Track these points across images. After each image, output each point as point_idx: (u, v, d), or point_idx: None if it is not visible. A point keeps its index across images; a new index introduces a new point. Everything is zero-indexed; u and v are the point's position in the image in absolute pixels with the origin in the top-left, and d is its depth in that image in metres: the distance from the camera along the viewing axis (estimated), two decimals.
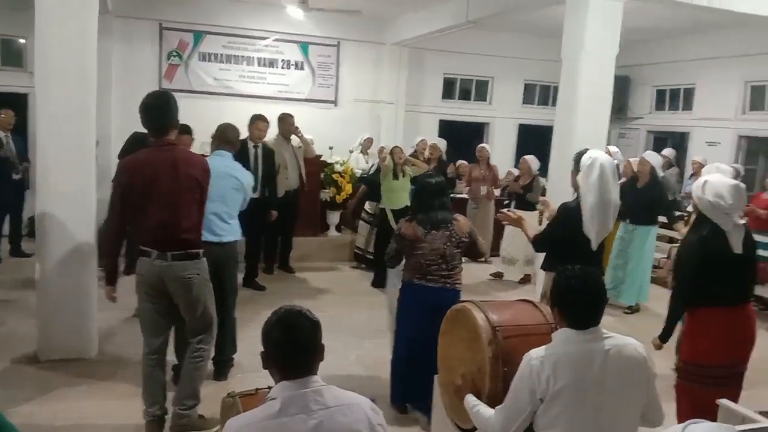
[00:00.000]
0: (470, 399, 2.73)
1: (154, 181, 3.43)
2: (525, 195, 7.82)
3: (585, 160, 3.85)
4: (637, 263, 6.66)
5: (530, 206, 7.86)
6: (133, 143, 7.45)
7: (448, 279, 3.99)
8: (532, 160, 7.94)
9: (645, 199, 6.44)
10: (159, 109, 3.52)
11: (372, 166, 8.54)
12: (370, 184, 7.84)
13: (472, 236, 4.10)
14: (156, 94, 3.70)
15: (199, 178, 3.51)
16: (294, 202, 7.41)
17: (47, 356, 4.70)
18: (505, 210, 4.84)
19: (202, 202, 3.58)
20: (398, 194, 7.20)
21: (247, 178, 4.59)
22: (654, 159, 6.76)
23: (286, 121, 7.39)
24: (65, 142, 4.59)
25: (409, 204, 7.05)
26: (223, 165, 4.31)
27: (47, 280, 4.70)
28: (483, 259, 8.79)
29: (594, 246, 3.88)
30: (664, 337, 3.62)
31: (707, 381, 3.35)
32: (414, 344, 3.90)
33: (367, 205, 8.08)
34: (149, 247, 3.50)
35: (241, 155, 5.49)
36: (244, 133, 5.81)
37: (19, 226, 7.74)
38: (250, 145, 6.48)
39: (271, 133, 7.00)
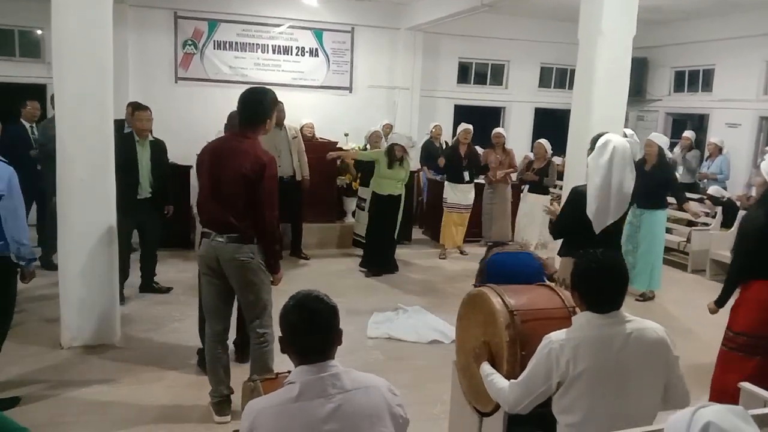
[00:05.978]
0: (486, 367, 2.77)
1: (213, 166, 3.64)
2: (542, 180, 7.78)
3: (600, 140, 3.88)
4: (647, 248, 6.54)
5: (546, 191, 7.85)
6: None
7: None
8: (546, 144, 7.91)
9: (652, 182, 6.28)
10: (250, 105, 3.68)
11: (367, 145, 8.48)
12: (364, 168, 7.77)
13: None
14: (254, 90, 3.77)
15: (245, 173, 3.52)
16: (293, 189, 7.29)
17: (70, 343, 4.78)
18: (548, 205, 5.81)
19: (254, 195, 3.56)
20: (387, 182, 7.22)
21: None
22: (661, 140, 6.61)
23: (279, 109, 7.40)
24: (83, 130, 4.64)
25: (394, 194, 7.16)
26: None
27: (69, 267, 4.77)
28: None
29: (596, 230, 3.86)
30: (720, 302, 3.74)
31: (759, 351, 3.45)
32: None
33: (362, 192, 7.95)
34: (207, 227, 3.70)
35: (126, 150, 5.54)
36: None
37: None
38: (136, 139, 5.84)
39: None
